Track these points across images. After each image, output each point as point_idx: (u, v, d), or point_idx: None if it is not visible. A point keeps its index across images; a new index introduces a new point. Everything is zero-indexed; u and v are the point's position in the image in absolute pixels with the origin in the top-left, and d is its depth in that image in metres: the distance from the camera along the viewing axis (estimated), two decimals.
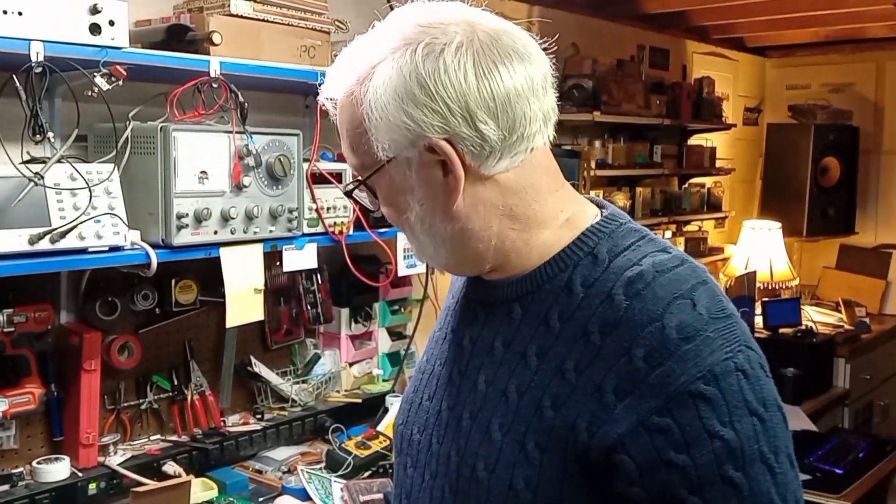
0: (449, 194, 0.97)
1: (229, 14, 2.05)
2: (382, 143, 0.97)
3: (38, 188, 1.71)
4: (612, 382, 0.89)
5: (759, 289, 4.41)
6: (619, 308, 0.91)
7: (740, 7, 4.02)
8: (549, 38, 1.07)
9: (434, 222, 1.00)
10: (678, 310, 0.89)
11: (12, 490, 1.90)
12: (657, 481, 0.87)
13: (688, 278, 0.93)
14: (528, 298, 1.00)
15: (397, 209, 1.02)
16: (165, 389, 2.26)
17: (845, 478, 3.28)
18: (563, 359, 0.94)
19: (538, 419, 0.93)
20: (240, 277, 2.06)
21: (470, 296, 1.10)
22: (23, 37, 1.63)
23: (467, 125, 0.94)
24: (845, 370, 4.14)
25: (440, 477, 1.03)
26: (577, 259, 0.98)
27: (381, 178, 1.00)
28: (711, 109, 4.46)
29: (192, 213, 1.92)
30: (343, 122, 1.01)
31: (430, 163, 0.96)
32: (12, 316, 1.88)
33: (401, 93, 0.94)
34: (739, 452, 0.86)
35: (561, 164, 1.09)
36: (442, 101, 0.93)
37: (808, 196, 4.73)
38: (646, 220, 4.02)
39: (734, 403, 0.87)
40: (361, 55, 0.99)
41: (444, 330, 1.14)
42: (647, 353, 0.88)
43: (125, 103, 1.96)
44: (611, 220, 1.02)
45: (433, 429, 1.07)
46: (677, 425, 0.86)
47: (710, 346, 0.88)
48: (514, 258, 1.02)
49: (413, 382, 1.18)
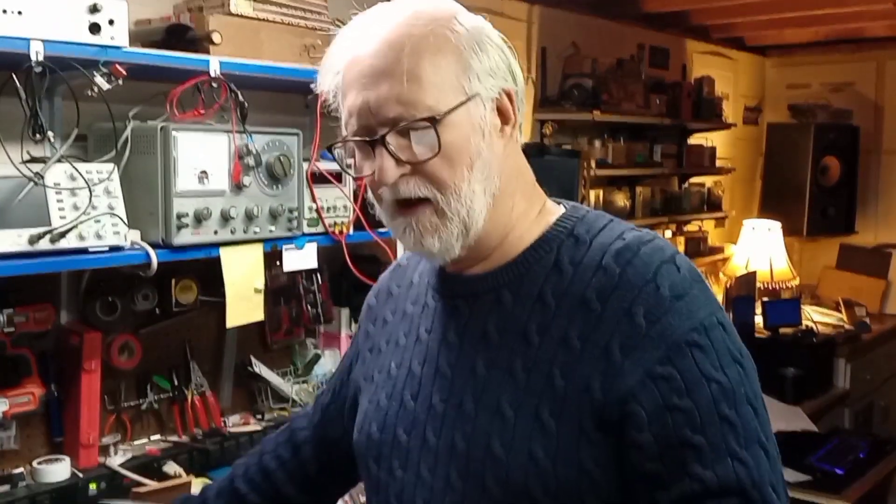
0: (504, 145, 1.04)
1: (229, 14, 2.05)
2: (477, 77, 1.00)
3: (38, 188, 1.70)
4: (617, 341, 0.96)
5: (759, 289, 4.41)
6: (614, 275, 0.99)
7: (740, 7, 4.02)
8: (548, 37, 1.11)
9: (490, 174, 1.03)
10: (667, 272, 0.99)
11: (12, 490, 1.90)
12: (664, 425, 0.94)
13: (665, 248, 1.03)
14: (517, 283, 1.06)
15: (464, 154, 1.00)
16: (165, 389, 2.26)
17: (845, 478, 3.28)
18: (565, 330, 1.00)
19: (550, 390, 0.98)
20: (240, 277, 2.06)
21: (447, 293, 1.12)
22: (23, 36, 1.63)
23: (515, 82, 1.05)
24: (845, 370, 4.14)
25: (442, 467, 1.05)
26: (560, 241, 1.06)
27: (458, 116, 0.99)
28: (711, 109, 4.46)
29: (192, 212, 1.92)
30: (415, 52, 0.98)
31: (494, 110, 1.03)
32: (12, 316, 1.87)
33: (495, 42, 1.03)
34: (731, 394, 0.95)
35: (560, 164, 1.11)
36: (511, 55, 1.05)
37: (808, 196, 4.73)
38: (646, 219, 4.02)
39: (721, 351, 0.97)
40: (413, 7, 1.02)
41: (411, 333, 1.16)
42: (646, 311, 0.96)
43: (125, 103, 1.95)
44: (577, 208, 1.12)
45: (425, 425, 1.08)
46: (678, 372, 0.95)
47: (697, 303, 0.98)
48: (511, 239, 1.07)
49: (379, 390, 1.17)
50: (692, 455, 0.94)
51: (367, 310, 1.31)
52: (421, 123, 0.98)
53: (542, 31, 3.67)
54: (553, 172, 2.74)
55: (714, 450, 0.94)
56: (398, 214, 1.04)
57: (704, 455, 0.93)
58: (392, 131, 0.99)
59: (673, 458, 0.94)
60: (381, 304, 1.27)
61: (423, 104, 0.98)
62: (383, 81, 0.98)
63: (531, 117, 3.66)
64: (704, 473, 0.93)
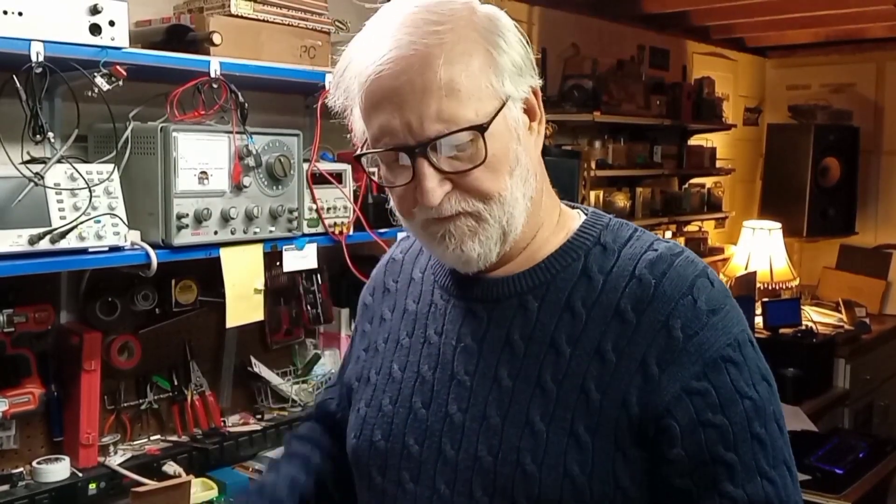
0: (534, 143, 1.02)
1: (229, 14, 2.05)
2: (507, 78, 0.96)
3: (38, 188, 1.71)
4: (654, 355, 0.94)
5: (760, 289, 4.41)
6: (649, 286, 0.97)
7: (740, 7, 4.02)
8: (548, 38, 1.10)
9: (527, 176, 1.00)
10: (702, 286, 0.98)
11: (12, 490, 1.90)
12: (696, 441, 0.93)
13: (697, 261, 1.01)
14: (542, 289, 1.02)
15: (504, 162, 0.97)
16: (165, 389, 2.26)
17: (845, 478, 3.28)
18: (598, 341, 0.97)
19: (584, 403, 0.96)
20: (240, 277, 2.06)
21: (463, 295, 1.08)
22: (23, 37, 1.63)
23: (537, 76, 1.02)
24: (845, 370, 4.14)
25: (463, 482, 1.00)
26: (588, 248, 1.03)
27: (499, 123, 0.96)
28: (711, 110, 4.46)
29: (192, 213, 1.92)
30: (449, 63, 0.92)
31: (523, 109, 1.00)
32: (12, 316, 1.87)
33: (514, 32, 0.99)
34: (762, 411, 0.95)
35: (560, 164, 1.10)
36: (529, 45, 1.01)
37: (808, 196, 4.73)
38: (646, 220, 4.02)
39: (752, 368, 0.97)
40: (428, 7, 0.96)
41: (415, 334, 1.11)
42: (683, 324, 0.95)
43: (125, 103, 1.96)
44: (599, 215, 1.09)
45: (441, 435, 1.03)
46: (713, 388, 0.94)
47: (731, 319, 0.97)
48: (536, 242, 1.04)
49: (380, 393, 1.11)
50: (724, 472, 0.93)
51: (363, 308, 1.26)
52: (464, 133, 0.93)
53: (542, 31, 3.67)
54: (553, 173, 2.73)
55: (745, 468, 0.93)
56: (433, 224, 0.99)
57: (736, 473, 0.93)
58: (433, 144, 0.94)
59: (704, 475, 0.93)
60: (377, 302, 1.22)
61: (465, 117, 0.93)
62: (420, 98, 0.92)
63: None
64: (735, 492, 0.92)
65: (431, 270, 1.15)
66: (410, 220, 1.01)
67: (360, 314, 1.27)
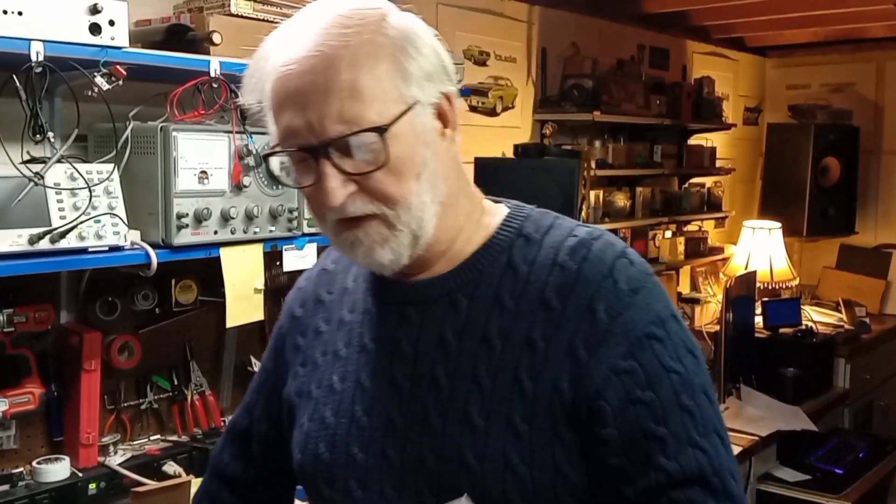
0: (447, 149, 1.01)
1: (229, 14, 2.05)
2: (415, 83, 0.97)
3: (38, 188, 1.71)
4: (581, 339, 0.96)
5: (759, 289, 4.40)
6: (571, 272, 0.99)
7: (740, 7, 4.02)
8: (548, 38, 1.08)
9: (436, 181, 1.00)
10: (622, 267, 1.00)
11: (12, 490, 1.90)
12: (628, 419, 0.95)
13: (616, 242, 1.03)
14: (470, 286, 1.03)
15: (410, 166, 0.97)
16: (165, 389, 2.26)
17: (845, 478, 3.28)
18: (527, 331, 0.99)
19: (519, 394, 0.97)
20: (240, 277, 2.06)
21: (394, 300, 1.08)
22: (23, 37, 1.63)
23: (451, 82, 1.01)
24: (845, 370, 4.14)
25: (409, 484, 1.01)
26: (511, 241, 1.05)
27: (402, 126, 0.95)
28: (711, 109, 4.46)
29: (192, 213, 1.92)
30: (353, 65, 0.93)
31: (435, 114, 1.00)
32: (12, 316, 1.88)
33: (429, 39, 0.99)
34: (689, 384, 0.97)
35: (560, 164, 1.10)
36: (445, 51, 1.01)
37: (808, 196, 4.72)
38: (646, 219, 4.02)
39: (677, 343, 0.98)
40: (339, 12, 0.97)
41: (352, 344, 1.10)
42: (606, 306, 0.97)
43: (125, 103, 1.96)
44: (520, 206, 1.10)
45: (384, 441, 1.03)
46: (640, 365, 0.96)
47: (652, 296, 0.99)
48: (459, 242, 1.05)
49: (321, 406, 1.11)
50: (656, 447, 0.95)
51: (291, 320, 1.23)
52: (366, 135, 0.93)
53: (542, 31, 3.67)
54: (553, 173, 2.74)
55: (676, 440, 0.95)
56: (343, 229, 0.99)
57: (668, 446, 0.95)
58: (336, 144, 0.94)
59: (637, 452, 0.95)
60: (309, 314, 1.20)
61: (367, 119, 0.93)
62: (323, 99, 0.93)
63: (531, 118, 3.66)
64: (668, 464, 0.94)
65: (363, 278, 1.14)
66: (322, 222, 1.02)
67: (286, 326, 1.24)
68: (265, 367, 1.29)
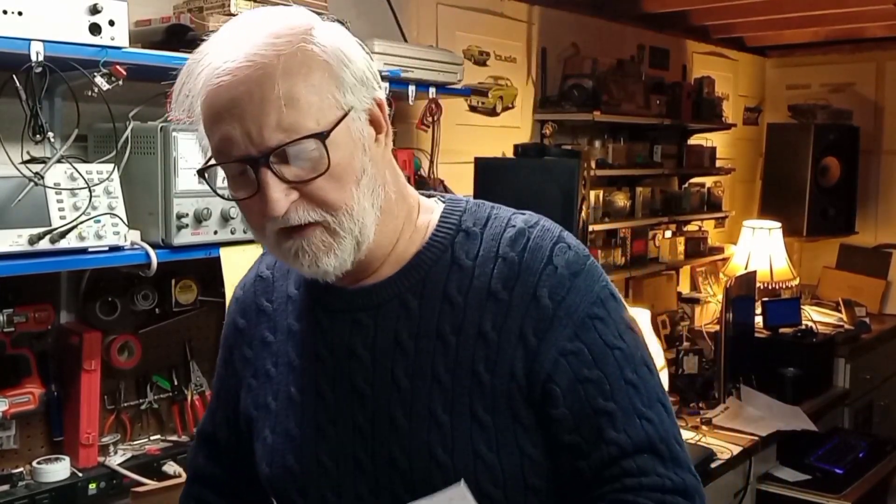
0: (382, 154, 1.03)
1: (229, 14, 2.05)
2: (349, 90, 0.97)
3: (38, 188, 1.71)
4: (530, 326, 1.01)
5: (759, 289, 4.40)
6: (514, 263, 1.03)
7: (740, 7, 4.02)
8: (548, 38, 1.09)
9: (375, 186, 1.00)
10: (560, 252, 1.04)
11: (12, 490, 1.90)
12: (577, 398, 1.00)
13: (552, 227, 1.07)
14: (419, 286, 1.05)
15: (350, 172, 0.97)
16: (165, 389, 2.26)
17: (845, 478, 3.28)
18: (478, 324, 1.02)
19: (478, 386, 1.01)
20: (240, 277, 2.05)
21: (344, 307, 1.08)
22: (23, 37, 1.63)
23: (380, 88, 1.03)
24: (845, 370, 4.14)
25: (384, 486, 1.03)
26: (452, 237, 1.07)
27: (340, 133, 0.95)
28: (711, 109, 4.46)
29: (192, 213, 1.92)
30: (287, 74, 0.93)
31: (368, 121, 1.00)
32: (12, 316, 1.88)
33: (357, 47, 1.00)
34: (631, 358, 1.03)
35: (560, 164, 1.11)
36: (371, 60, 1.02)
37: (808, 196, 4.72)
38: (646, 219, 4.02)
39: (617, 320, 1.04)
40: (267, 25, 0.96)
41: (305, 354, 1.10)
42: (550, 292, 1.01)
43: (125, 103, 1.96)
44: (455, 200, 1.12)
45: (353, 447, 1.05)
46: (585, 346, 1.01)
47: (591, 277, 1.04)
48: (401, 243, 1.07)
49: (283, 419, 1.11)
50: (606, 421, 1.00)
51: (234, 332, 1.22)
52: (307, 142, 0.93)
53: (542, 31, 3.67)
54: (553, 173, 2.74)
55: (624, 413, 1.00)
56: (285, 238, 0.98)
57: (616, 419, 1.00)
58: (276, 153, 0.93)
59: (588, 427, 1.00)
60: (252, 324, 1.19)
61: (305, 126, 0.93)
62: (259, 109, 0.92)
63: (531, 118, 3.66)
64: (619, 437, 0.99)
65: (307, 287, 1.13)
66: (261, 234, 1.00)
67: (232, 337, 1.22)
68: (219, 375, 1.28)
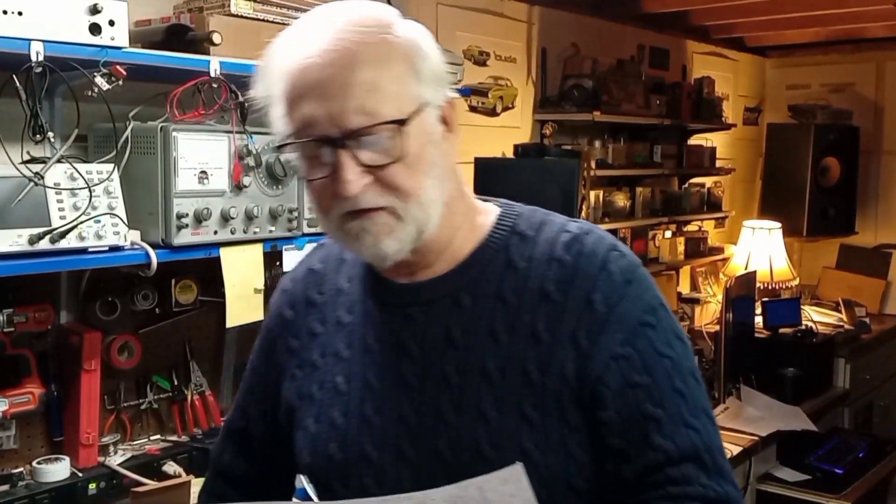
0: (449, 152, 1.05)
1: (229, 14, 2.05)
2: (426, 84, 1.01)
3: (38, 188, 1.71)
4: (583, 329, 1.02)
5: (759, 289, 4.41)
6: (568, 266, 1.05)
7: (740, 7, 4.02)
8: (548, 38, 1.11)
9: (444, 180, 1.04)
10: (614, 259, 1.05)
11: (12, 490, 1.90)
12: (626, 402, 1.01)
13: (605, 236, 1.09)
14: (472, 285, 1.07)
15: (422, 162, 1.00)
16: (165, 389, 2.26)
17: (845, 478, 3.28)
18: (531, 325, 1.04)
19: (528, 385, 1.02)
20: (240, 277, 2.06)
21: (394, 301, 1.10)
22: (23, 37, 1.63)
23: (453, 88, 1.06)
24: (845, 370, 4.14)
25: (427, 479, 1.01)
26: (506, 240, 1.09)
27: (416, 124, 0.99)
28: (711, 109, 4.46)
29: (192, 213, 1.92)
30: (372, 61, 0.97)
31: (440, 117, 1.03)
32: (12, 316, 1.88)
33: (434, 46, 1.03)
34: (680, 367, 1.03)
35: (560, 164, 1.11)
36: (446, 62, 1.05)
37: (808, 196, 4.72)
38: (646, 219, 4.02)
39: (667, 329, 1.05)
40: (351, 14, 1.00)
41: (354, 345, 1.12)
42: (604, 297, 1.03)
43: (125, 103, 1.96)
44: (510, 205, 1.14)
45: (398, 438, 1.06)
46: (636, 351, 1.02)
47: (643, 286, 1.06)
48: (457, 242, 1.09)
49: (328, 408, 1.12)
50: (653, 427, 1.00)
51: (280, 323, 1.22)
52: (385, 128, 0.97)
53: (542, 31, 3.67)
54: (553, 173, 2.74)
55: (671, 421, 1.00)
56: (350, 219, 1.01)
57: (664, 426, 1.00)
58: (355, 135, 0.97)
59: (636, 432, 1.01)
60: (301, 315, 1.20)
61: (385, 113, 0.97)
62: (344, 91, 0.96)
63: (531, 118, 3.66)
64: (665, 443, 1.00)
65: (359, 279, 1.15)
66: (327, 215, 1.03)
67: (277, 329, 1.23)
68: (255, 369, 1.28)
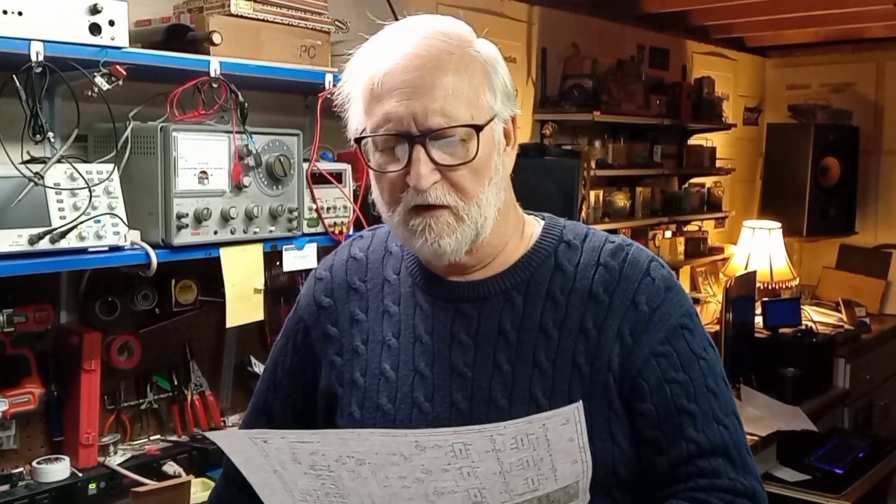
0: (507, 164, 1.15)
1: (229, 14, 2.05)
2: (498, 98, 1.11)
3: (38, 188, 1.71)
4: (627, 326, 1.12)
5: (759, 289, 4.41)
6: (615, 271, 1.15)
7: (740, 7, 4.02)
8: (548, 38, 1.14)
9: (501, 189, 1.13)
10: (656, 267, 1.17)
11: (12, 490, 1.90)
12: (664, 396, 1.10)
13: (645, 249, 1.20)
14: (524, 285, 1.16)
15: (487, 168, 1.10)
16: (165, 389, 2.26)
17: (845, 478, 3.28)
18: (580, 322, 1.13)
19: (577, 375, 1.11)
20: (240, 277, 2.06)
21: (446, 297, 1.17)
22: (23, 37, 1.63)
23: (517, 106, 1.17)
24: (845, 370, 4.14)
25: None
26: (555, 246, 1.19)
27: (487, 133, 1.09)
28: (711, 109, 4.46)
29: (192, 213, 1.92)
30: (455, 69, 1.06)
31: (504, 131, 1.13)
32: (12, 316, 1.88)
33: (504, 65, 1.14)
34: (713, 370, 1.14)
35: (560, 164, 1.13)
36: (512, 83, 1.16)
37: (808, 196, 4.72)
38: (646, 219, 4.02)
39: (702, 335, 1.16)
40: (436, 25, 1.10)
41: (404, 335, 1.18)
42: (647, 299, 1.13)
43: (125, 103, 1.96)
44: (555, 219, 1.24)
45: (448, 424, 1.08)
46: (675, 351, 1.12)
47: (681, 294, 1.17)
48: (508, 248, 1.18)
49: (375, 394, 1.15)
50: (687, 420, 1.10)
51: (317, 311, 1.25)
52: (460, 131, 1.06)
53: (542, 31, 3.67)
54: (553, 173, 2.74)
55: (704, 416, 1.10)
56: (416, 215, 1.09)
57: (697, 420, 1.10)
58: (433, 135, 1.05)
59: (671, 425, 1.10)
60: (341, 302, 1.23)
61: (462, 117, 1.06)
62: (428, 93, 1.05)
63: (531, 118, 3.66)
64: (698, 436, 1.09)
65: (408, 273, 1.22)
66: (394, 208, 1.11)
67: (312, 318, 1.25)
68: (281, 364, 1.29)
